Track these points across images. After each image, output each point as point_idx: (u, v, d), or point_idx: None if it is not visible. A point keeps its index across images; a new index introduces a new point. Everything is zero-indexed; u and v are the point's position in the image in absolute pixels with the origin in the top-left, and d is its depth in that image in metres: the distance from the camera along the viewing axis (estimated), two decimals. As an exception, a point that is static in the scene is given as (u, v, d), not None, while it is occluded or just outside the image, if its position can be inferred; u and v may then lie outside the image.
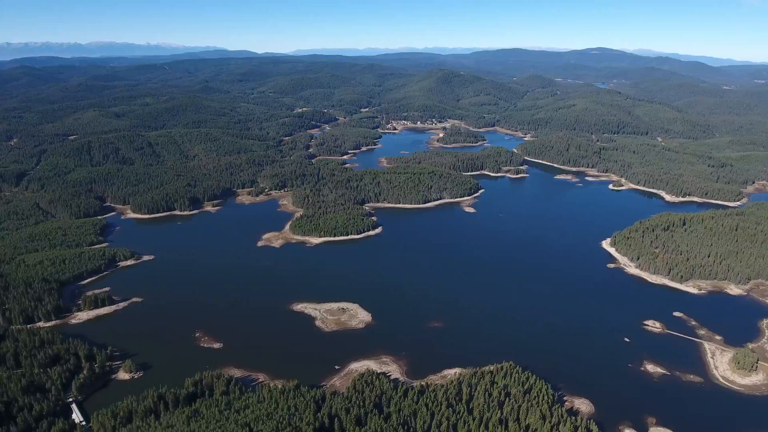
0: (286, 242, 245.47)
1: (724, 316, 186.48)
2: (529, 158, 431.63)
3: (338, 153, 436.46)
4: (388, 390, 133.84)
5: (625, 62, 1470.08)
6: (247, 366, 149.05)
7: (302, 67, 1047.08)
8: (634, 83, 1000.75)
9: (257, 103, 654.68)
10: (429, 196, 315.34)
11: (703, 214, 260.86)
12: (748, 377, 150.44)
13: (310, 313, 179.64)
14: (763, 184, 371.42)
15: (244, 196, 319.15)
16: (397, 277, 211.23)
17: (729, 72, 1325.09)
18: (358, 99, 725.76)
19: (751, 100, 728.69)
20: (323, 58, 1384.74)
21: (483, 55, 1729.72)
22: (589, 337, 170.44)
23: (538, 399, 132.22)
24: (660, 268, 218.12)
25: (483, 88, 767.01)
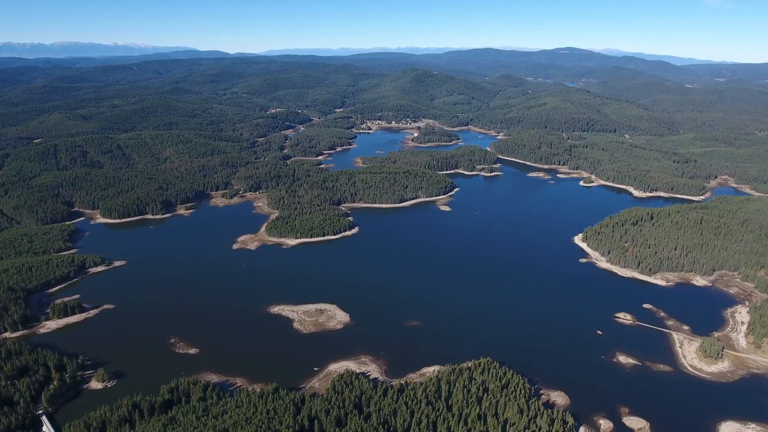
0: (262, 244, 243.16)
1: (691, 306, 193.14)
2: (503, 156, 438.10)
3: (313, 153, 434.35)
4: (367, 390, 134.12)
5: (593, 62, 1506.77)
6: (225, 371, 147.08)
7: (275, 68, 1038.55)
8: (602, 82, 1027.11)
9: (230, 104, 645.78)
10: (405, 196, 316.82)
11: (669, 209, 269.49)
12: (715, 365, 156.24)
13: (287, 315, 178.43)
14: (725, 179, 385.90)
15: (218, 198, 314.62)
16: (374, 276, 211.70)
17: (691, 71, 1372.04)
18: (332, 99, 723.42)
19: (713, 98, 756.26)
20: (296, 59, 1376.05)
21: (455, 55, 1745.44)
22: (563, 330, 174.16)
23: (515, 393, 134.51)
24: (629, 261, 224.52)
25: (456, 88, 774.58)
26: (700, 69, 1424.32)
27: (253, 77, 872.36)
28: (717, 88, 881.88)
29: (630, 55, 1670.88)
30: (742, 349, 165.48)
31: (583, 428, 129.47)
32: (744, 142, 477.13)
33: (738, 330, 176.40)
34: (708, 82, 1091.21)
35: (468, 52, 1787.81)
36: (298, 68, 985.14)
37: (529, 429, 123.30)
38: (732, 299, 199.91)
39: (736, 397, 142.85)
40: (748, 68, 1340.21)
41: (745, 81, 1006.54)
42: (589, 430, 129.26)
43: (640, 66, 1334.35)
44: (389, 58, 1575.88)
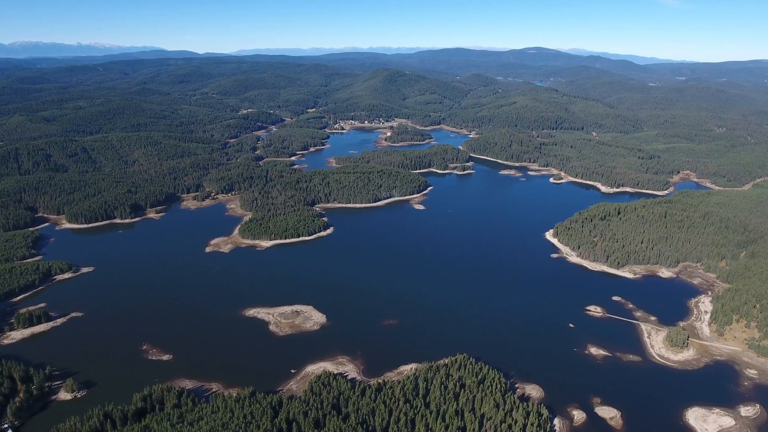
0: (236, 247, 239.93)
1: (658, 297, 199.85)
2: (475, 155, 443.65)
3: (286, 154, 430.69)
4: (345, 390, 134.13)
5: (560, 61, 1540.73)
6: (200, 376, 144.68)
7: (246, 68, 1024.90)
8: (569, 81, 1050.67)
9: (200, 104, 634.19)
10: (379, 195, 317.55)
11: (635, 204, 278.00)
12: (681, 353, 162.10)
13: (263, 317, 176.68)
14: (687, 174, 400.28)
15: (190, 201, 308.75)
16: (350, 276, 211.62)
17: (653, 69, 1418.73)
18: (304, 99, 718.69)
19: (674, 96, 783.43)
20: (267, 58, 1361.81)
21: (427, 55, 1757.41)
22: (537, 325, 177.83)
23: (491, 388, 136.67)
24: (599, 255, 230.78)
25: (428, 87, 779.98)
26: (662, 68, 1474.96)
27: (224, 77, 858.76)
28: (678, 86, 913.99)
29: (595, 55, 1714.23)
30: (705, 338, 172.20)
31: (558, 420, 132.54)
32: (704, 138, 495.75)
33: (702, 319, 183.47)
34: (669, 80, 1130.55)
35: (439, 52, 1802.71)
36: (270, 68, 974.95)
37: (506, 423, 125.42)
38: (696, 289, 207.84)
39: (701, 384, 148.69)
40: (706, 67, 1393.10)
41: (703, 79, 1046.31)
42: (563, 421, 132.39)
43: (605, 65, 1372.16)
44: (361, 57, 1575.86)
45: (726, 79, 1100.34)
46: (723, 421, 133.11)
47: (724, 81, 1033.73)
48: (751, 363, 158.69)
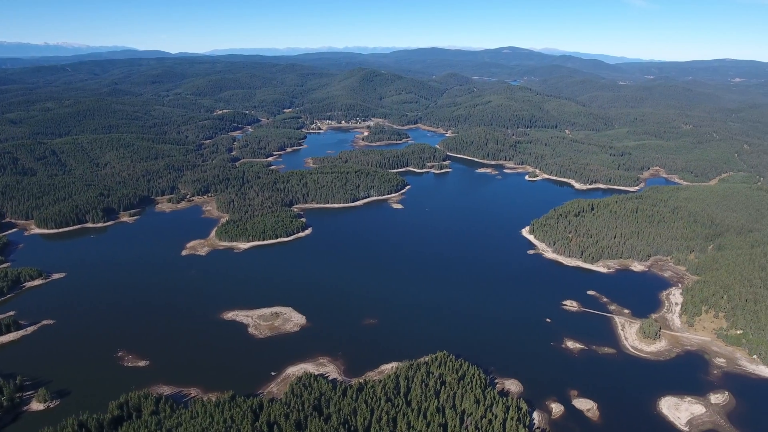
0: (213, 249, 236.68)
1: (630, 291, 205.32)
2: (452, 153, 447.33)
3: (263, 155, 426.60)
4: (326, 391, 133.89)
5: (533, 60, 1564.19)
6: (178, 382, 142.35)
7: (220, 68, 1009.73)
8: (542, 80, 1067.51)
9: (173, 105, 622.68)
10: (357, 195, 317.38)
11: (608, 200, 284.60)
12: (653, 345, 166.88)
13: (242, 320, 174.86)
14: (656, 170, 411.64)
15: (164, 203, 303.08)
16: (329, 277, 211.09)
17: (623, 69, 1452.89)
18: (280, 99, 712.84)
19: (643, 94, 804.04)
20: (242, 58, 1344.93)
21: (402, 55, 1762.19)
22: (514, 320, 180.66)
23: (471, 384, 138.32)
24: (574, 251, 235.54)
25: (404, 87, 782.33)
26: (631, 67, 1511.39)
27: (198, 78, 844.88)
28: (646, 84, 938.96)
29: (567, 54, 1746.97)
30: (677, 329, 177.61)
31: (537, 413, 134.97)
32: (672, 135, 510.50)
33: (673, 311, 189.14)
34: (638, 79, 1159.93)
35: (415, 52, 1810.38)
36: (245, 68, 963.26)
37: (486, 418, 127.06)
38: (666, 282, 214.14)
39: (673, 374, 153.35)
40: (673, 66, 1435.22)
41: (671, 78, 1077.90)
42: (542, 414, 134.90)
43: (577, 64, 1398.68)
44: (337, 57, 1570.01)
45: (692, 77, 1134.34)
46: (694, 409, 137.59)
47: (690, 80, 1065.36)
48: (720, 352, 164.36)
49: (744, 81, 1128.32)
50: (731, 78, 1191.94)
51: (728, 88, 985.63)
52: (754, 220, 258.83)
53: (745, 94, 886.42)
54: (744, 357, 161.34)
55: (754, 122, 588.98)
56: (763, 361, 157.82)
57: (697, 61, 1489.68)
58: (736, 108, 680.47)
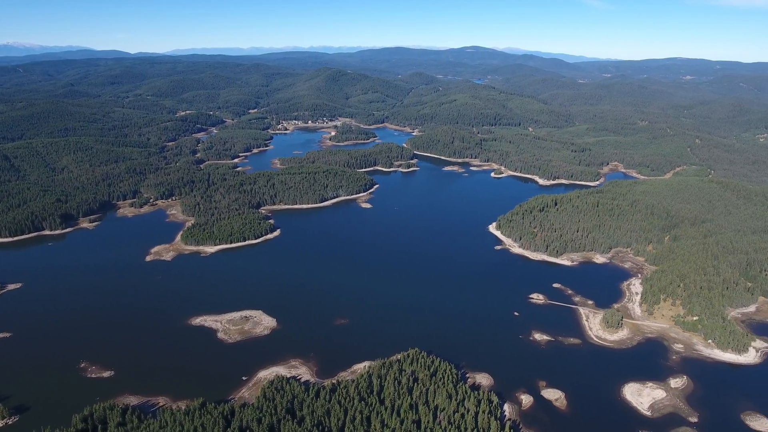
0: (179, 254, 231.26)
1: (593, 282, 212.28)
2: (419, 152, 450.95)
3: (228, 156, 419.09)
4: (299, 393, 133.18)
5: (496, 59, 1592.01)
6: (145, 391, 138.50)
7: (182, 68, 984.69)
8: (505, 79, 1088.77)
9: (134, 107, 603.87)
10: (325, 195, 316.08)
11: (570, 195, 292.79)
12: (616, 333, 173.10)
13: (210, 325, 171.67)
14: (615, 165, 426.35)
15: (126, 208, 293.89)
16: (299, 278, 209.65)
17: (582, 67, 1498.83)
18: (245, 100, 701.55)
19: (601, 92, 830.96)
20: (205, 58, 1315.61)
21: (368, 54, 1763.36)
22: (484, 315, 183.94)
23: (443, 380, 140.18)
24: (539, 245, 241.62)
25: (370, 86, 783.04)
26: (590, 66, 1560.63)
27: (159, 78, 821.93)
28: (604, 83, 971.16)
29: (529, 54, 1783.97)
30: (637, 317, 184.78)
31: (507, 405, 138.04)
32: (629, 131, 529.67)
33: (633, 300, 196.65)
34: (596, 77, 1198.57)
35: (380, 51, 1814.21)
36: (207, 68, 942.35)
37: (458, 412, 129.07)
38: (627, 273, 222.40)
39: (636, 361, 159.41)
40: (629, 65, 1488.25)
41: (627, 76, 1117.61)
42: (512, 406, 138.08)
43: (538, 63, 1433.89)
44: (302, 57, 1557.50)
45: (646, 75, 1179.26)
46: (656, 394, 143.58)
47: (644, 77, 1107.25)
48: (678, 338, 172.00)
49: (694, 78, 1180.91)
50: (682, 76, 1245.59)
51: (680, 85, 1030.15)
52: (706, 211, 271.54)
53: (696, 91, 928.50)
54: (700, 342, 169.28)
55: (704, 118, 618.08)
56: (717, 345, 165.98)
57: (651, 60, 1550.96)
58: (688, 104, 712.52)
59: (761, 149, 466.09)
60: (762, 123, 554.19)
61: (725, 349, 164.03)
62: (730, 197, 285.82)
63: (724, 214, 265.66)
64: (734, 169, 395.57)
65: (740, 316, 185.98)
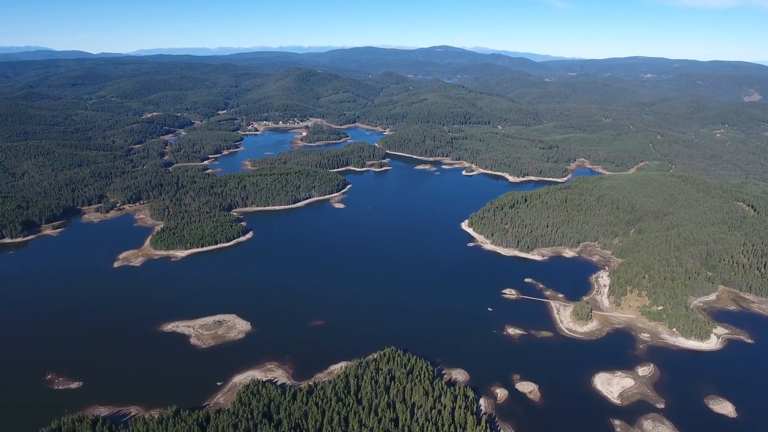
0: (148, 259, 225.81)
1: (563, 276, 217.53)
2: (391, 151, 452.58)
3: (198, 158, 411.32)
4: (276, 396, 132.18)
5: (465, 59, 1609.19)
6: (116, 401, 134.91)
7: (148, 68, 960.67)
8: (474, 78, 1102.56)
9: (98, 109, 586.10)
10: (298, 196, 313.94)
11: (539, 191, 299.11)
12: (586, 325, 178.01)
13: (183, 331, 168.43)
14: (582, 161, 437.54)
15: (92, 213, 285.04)
16: (273, 281, 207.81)
17: (548, 66, 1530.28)
18: (213, 101, 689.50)
19: (567, 90, 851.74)
20: (171, 58, 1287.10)
21: (338, 54, 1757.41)
22: (458, 311, 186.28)
23: (420, 377, 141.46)
24: (510, 241, 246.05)
25: (341, 86, 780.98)
26: (555, 65, 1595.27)
27: (123, 79, 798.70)
28: (570, 81, 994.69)
29: (497, 53, 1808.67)
30: (605, 309, 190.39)
31: (483, 399, 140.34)
32: (594, 128, 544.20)
33: (602, 292, 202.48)
34: (562, 76, 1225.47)
35: (350, 51, 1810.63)
36: (174, 69, 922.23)
37: (435, 409, 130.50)
38: (595, 266, 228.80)
39: (605, 351, 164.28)
40: (593, 63, 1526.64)
41: (591, 75, 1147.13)
42: (488, 400, 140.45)
43: (506, 62, 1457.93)
44: (271, 57, 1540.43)
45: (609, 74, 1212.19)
46: (624, 383, 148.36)
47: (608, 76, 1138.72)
48: (644, 328, 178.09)
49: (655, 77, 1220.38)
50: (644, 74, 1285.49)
51: (641, 83, 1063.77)
52: (668, 204, 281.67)
53: (656, 89, 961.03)
54: (665, 331, 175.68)
55: (664, 114, 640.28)
56: (681, 334, 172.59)
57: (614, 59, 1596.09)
58: (649, 102, 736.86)
59: (718, 144, 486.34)
60: (718, 119, 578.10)
61: (689, 336, 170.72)
62: (690, 191, 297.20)
63: (684, 207, 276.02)
64: (693, 164, 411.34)
65: (702, 304, 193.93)
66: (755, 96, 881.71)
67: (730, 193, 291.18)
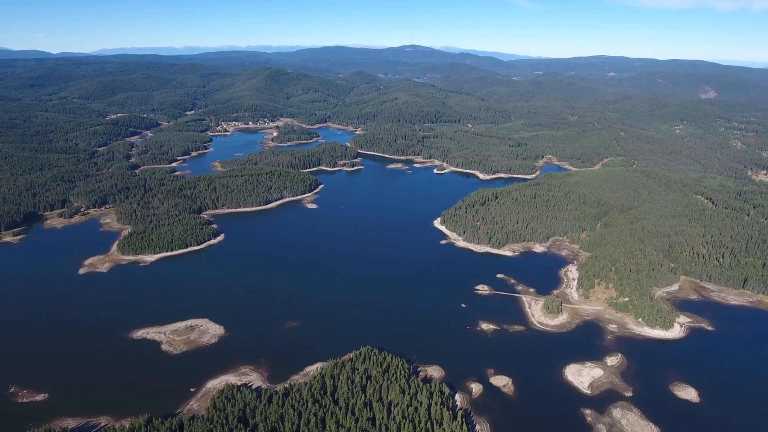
0: (115, 264, 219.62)
1: (534, 271, 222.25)
2: (362, 151, 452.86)
3: (165, 160, 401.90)
4: (251, 401, 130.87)
5: (434, 58, 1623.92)
6: (84, 412, 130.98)
7: (111, 68, 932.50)
8: (444, 77, 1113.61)
9: (59, 110, 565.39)
10: (270, 197, 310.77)
11: (509, 188, 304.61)
12: (556, 318, 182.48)
13: (153, 338, 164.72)
14: (549, 158, 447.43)
15: (55, 219, 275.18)
16: (246, 283, 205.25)
17: (516, 65, 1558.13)
18: (181, 101, 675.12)
19: (534, 89, 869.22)
20: (136, 58, 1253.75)
21: (307, 53, 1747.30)
22: (432, 309, 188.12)
23: (396, 375, 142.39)
24: (482, 238, 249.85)
25: (311, 86, 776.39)
26: (523, 64, 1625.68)
27: (86, 80, 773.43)
28: (536, 80, 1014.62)
29: (465, 52, 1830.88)
30: (575, 301, 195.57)
31: (458, 395, 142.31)
32: (561, 125, 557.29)
33: (571, 286, 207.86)
34: (529, 75, 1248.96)
35: (320, 50, 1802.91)
36: (139, 69, 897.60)
37: (412, 406, 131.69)
38: (564, 260, 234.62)
39: (575, 343, 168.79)
40: (558, 62, 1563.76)
41: (557, 73, 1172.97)
42: (463, 395, 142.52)
43: (474, 62, 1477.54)
44: (240, 56, 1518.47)
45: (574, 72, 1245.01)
46: (594, 373, 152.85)
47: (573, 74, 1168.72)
48: (612, 319, 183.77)
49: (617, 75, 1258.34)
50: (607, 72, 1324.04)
51: (605, 81, 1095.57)
52: (632, 198, 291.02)
53: (619, 87, 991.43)
54: (631, 321, 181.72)
55: (627, 112, 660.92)
56: (646, 323, 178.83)
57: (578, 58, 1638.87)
58: (612, 99, 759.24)
59: (677, 140, 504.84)
60: (677, 116, 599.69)
61: (653, 326, 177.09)
62: (652, 185, 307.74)
63: (647, 201, 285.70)
64: (655, 159, 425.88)
65: (665, 294, 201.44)
66: (711, 93, 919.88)
67: (689, 187, 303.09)
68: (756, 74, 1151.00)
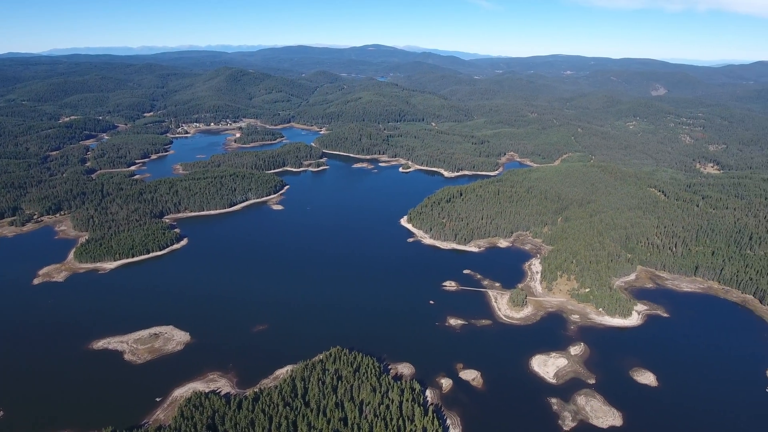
0: (72, 273, 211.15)
1: (499, 265, 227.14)
2: (327, 151, 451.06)
3: (123, 164, 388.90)
4: (220, 407, 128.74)
5: (397, 57, 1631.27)
6: (44, 429, 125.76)
7: (63, 69, 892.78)
8: (407, 76, 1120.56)
9: (7, 113, 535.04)
10: (234, 199, 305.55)
11: (474, 185, 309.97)
12: (522, 311, 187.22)
13: (115, 347, 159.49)
14: (511, 155, 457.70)
15: (5, 227, 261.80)
16: (212, 288, 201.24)
17: (477, 64, 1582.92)
18: (139, 103, 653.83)
19: (495, 87, 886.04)
20: (89, 58, 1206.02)
21: (269, 53, 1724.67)
22: (401, 306, 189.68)
23: (367, 374, 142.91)
24: (448, 235, 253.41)
25: (274, 86, 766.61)
26: (484, 63, 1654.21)
27: (35, 81, 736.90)
28: (497, 79, 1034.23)
29: (427, 51, 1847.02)
30: (539, 294, 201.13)
31: (429, 391, 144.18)
32: (521, 123, 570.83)
33: (535, 279, 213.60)
34: (490, 73, 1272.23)
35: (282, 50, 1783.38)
36: (93, 69, 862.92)
37: (383, 404, 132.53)
38: (528, 254, 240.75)
39: (540, 334, 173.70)
40: (518, 61, 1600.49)
41: (516, 72, 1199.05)
42: (434, 391, 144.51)
43: (437, 61, 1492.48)
44: (199, 56, 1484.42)
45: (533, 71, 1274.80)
46: (559, 362, 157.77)
47: (532, 73, 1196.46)
48: (574, 309, 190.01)
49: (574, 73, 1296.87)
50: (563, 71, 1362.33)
51: (562, 79, 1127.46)
52: (591, 192, 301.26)
53: (575, 85, 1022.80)
54: (593, 311, 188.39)
55: (583, 109, 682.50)
56: (606, 313, 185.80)
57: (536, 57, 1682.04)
58: (570, 97, 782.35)
59: (631, 135, 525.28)
60: (630, 112, 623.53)
61: (613, 315, 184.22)
62: (609, 179, 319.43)
63: (605, 194, 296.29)
64: (611, 154, 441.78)
65: (623, 284, 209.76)
66: (661, 90, 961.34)
67: (643, 181, 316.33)
68: (702, 72, 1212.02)
